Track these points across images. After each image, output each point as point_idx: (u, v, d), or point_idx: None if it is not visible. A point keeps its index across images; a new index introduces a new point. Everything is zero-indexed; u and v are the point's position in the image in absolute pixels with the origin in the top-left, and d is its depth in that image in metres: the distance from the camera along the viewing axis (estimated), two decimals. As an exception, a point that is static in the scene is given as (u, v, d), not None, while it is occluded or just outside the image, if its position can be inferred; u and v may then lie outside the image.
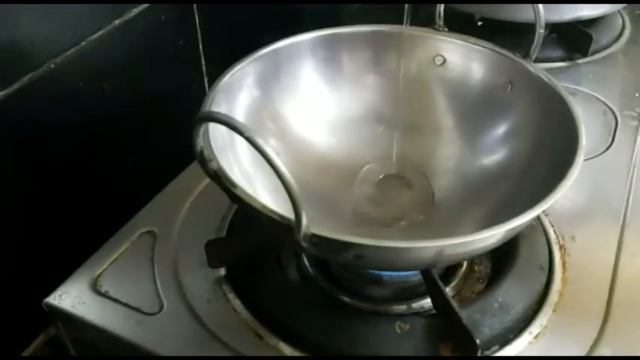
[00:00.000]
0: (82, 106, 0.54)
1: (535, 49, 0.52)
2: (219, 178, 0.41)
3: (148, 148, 0.63)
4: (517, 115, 0.53)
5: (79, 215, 0.58)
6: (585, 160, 0.43)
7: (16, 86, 0.48)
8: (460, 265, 0.51)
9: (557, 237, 0.54)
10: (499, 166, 0.53)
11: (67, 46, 0.52)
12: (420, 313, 0.49)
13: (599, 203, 0.58)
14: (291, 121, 0.56)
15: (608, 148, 0.63)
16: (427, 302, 0.48)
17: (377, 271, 0.49)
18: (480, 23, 0.78)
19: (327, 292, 0.50)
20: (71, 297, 0.50)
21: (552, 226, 0.55)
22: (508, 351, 0.46)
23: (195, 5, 0.63)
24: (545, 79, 0.51)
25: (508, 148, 0.53)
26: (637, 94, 0.71)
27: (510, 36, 0.60)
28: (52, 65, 0.51)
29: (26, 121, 0.50)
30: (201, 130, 0.40)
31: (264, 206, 0.39)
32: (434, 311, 0.47)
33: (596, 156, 0.62)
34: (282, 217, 0.38)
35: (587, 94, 0.71)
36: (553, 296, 0.49)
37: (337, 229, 0.38)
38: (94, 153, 0.58)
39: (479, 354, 0.43)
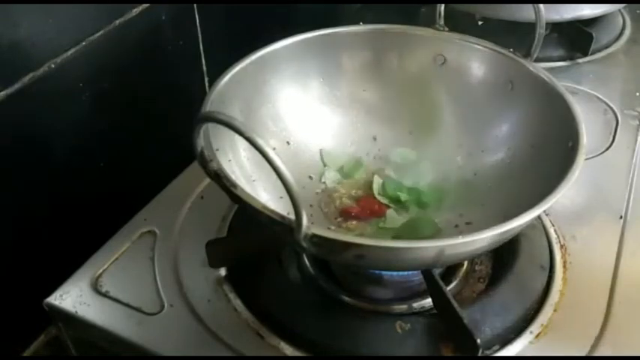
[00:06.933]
0: (82, 106, 0.54)
1: (536, 49, 0.52)
2: (220, 179, 0.41)
3: (148, 148, 0.63)
4: (517, 115, 0.53)
5: (79, 215, 0.58)
6: (586, 159, 0.43)
7: (16, 86, 0.48)
8: (461, 264, 0.51)
9: (558, 236, 0.54)
10: (500, 165, 0.53)
11: (67, 46, 0.52)
12: (421, 313, 0.48)
13: (599, 203, 0.58)
14: (291, 121, 0.56)
15: (608, 148, 0.63)
16: (428, 302, 0.48)
17: (377, 271, 0.49)
18: (480, 23, 0.78)
19: (327, 292, 0.50)
20: (72, 297, 0.50)
21: (553, 225, 0.55)
22: (509, 351, 0.46)
23: (195, 5, 0.63)
24: (546, 79, 0.51)
25: (508, 147, 0.53)
26: (637, 94, 0.71)
27: (511, 35, 0.60)
28: (52, 65, 0.51)
29: (26, 121, 0.50)
30: (202, 130, 0.40)
31: (264, 206, 0.39)
32: (434, 311, 0.47)
33: (596, 155, 0.62)
34: (283, 217, 0.38)
35: (587, 94, 0.71)
36: (554, 296, 0.49)
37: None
38: (94, 153, 0.58)
39: (479, 354, 0.43)
